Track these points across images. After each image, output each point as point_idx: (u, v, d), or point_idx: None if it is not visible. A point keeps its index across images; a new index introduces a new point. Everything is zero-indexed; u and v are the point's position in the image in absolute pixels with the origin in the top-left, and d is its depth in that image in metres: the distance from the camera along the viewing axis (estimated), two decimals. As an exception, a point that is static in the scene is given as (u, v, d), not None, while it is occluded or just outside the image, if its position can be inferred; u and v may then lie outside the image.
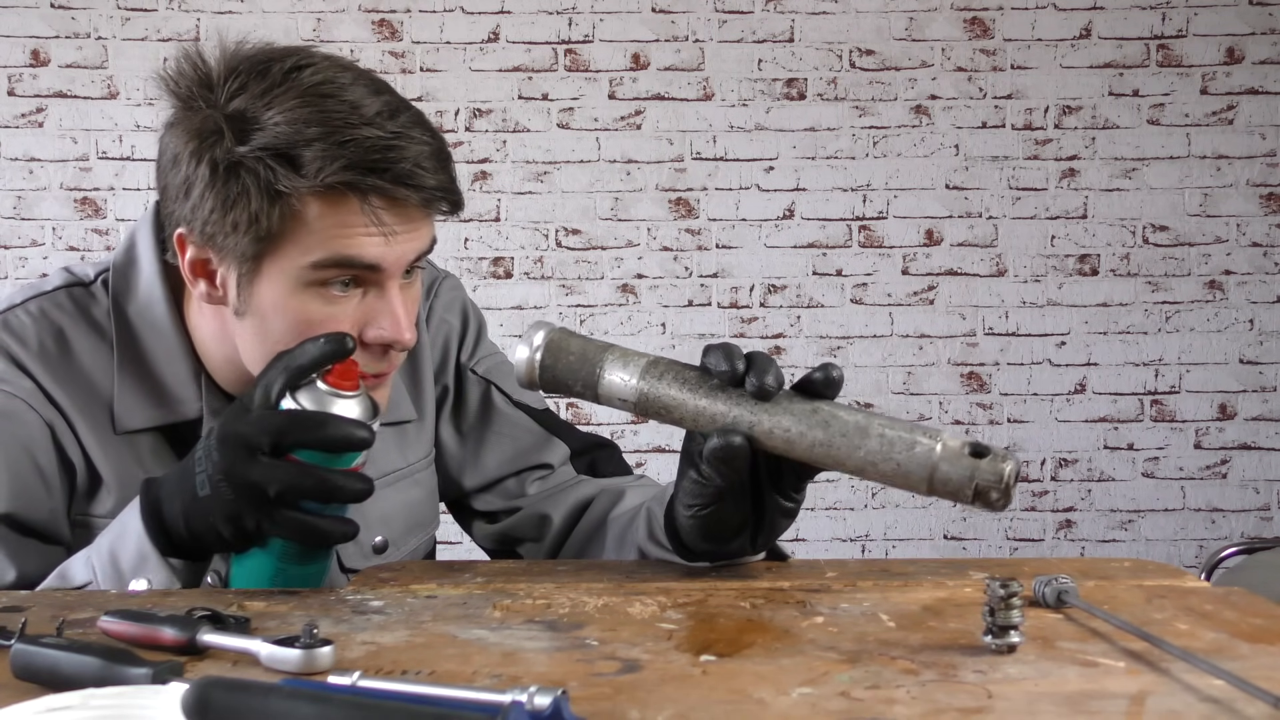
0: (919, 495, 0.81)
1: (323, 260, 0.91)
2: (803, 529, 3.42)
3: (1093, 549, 3.48)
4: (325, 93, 0.91)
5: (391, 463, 1.14)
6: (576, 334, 0.89)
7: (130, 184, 3.40)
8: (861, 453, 0.80)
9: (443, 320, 1.20)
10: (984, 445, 0.79)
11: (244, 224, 0.91)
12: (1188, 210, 3.47)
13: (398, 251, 0.93)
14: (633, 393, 0.86)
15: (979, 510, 0.79)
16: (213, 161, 0.91)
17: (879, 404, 3.47)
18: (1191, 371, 3.48)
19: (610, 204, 3.46)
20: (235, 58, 0.93)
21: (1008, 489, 0.77)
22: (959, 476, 0.78)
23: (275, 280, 0.93)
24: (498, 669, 0.67)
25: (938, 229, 3.47)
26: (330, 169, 0.88)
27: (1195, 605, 0.81)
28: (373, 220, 0.91)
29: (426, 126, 0.95)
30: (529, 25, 3.43)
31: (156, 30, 3.38)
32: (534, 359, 0.88)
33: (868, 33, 3.45)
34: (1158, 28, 3.46)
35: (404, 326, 0.95)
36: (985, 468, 0.77)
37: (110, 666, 0.63)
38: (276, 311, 0.94)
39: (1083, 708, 0.60)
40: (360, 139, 0.89)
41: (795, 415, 0.82)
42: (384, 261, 0.93)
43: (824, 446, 0.81)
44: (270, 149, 0.89)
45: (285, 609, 0.82)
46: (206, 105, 0.92)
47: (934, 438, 0.79)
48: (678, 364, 0.86)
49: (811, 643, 0.72)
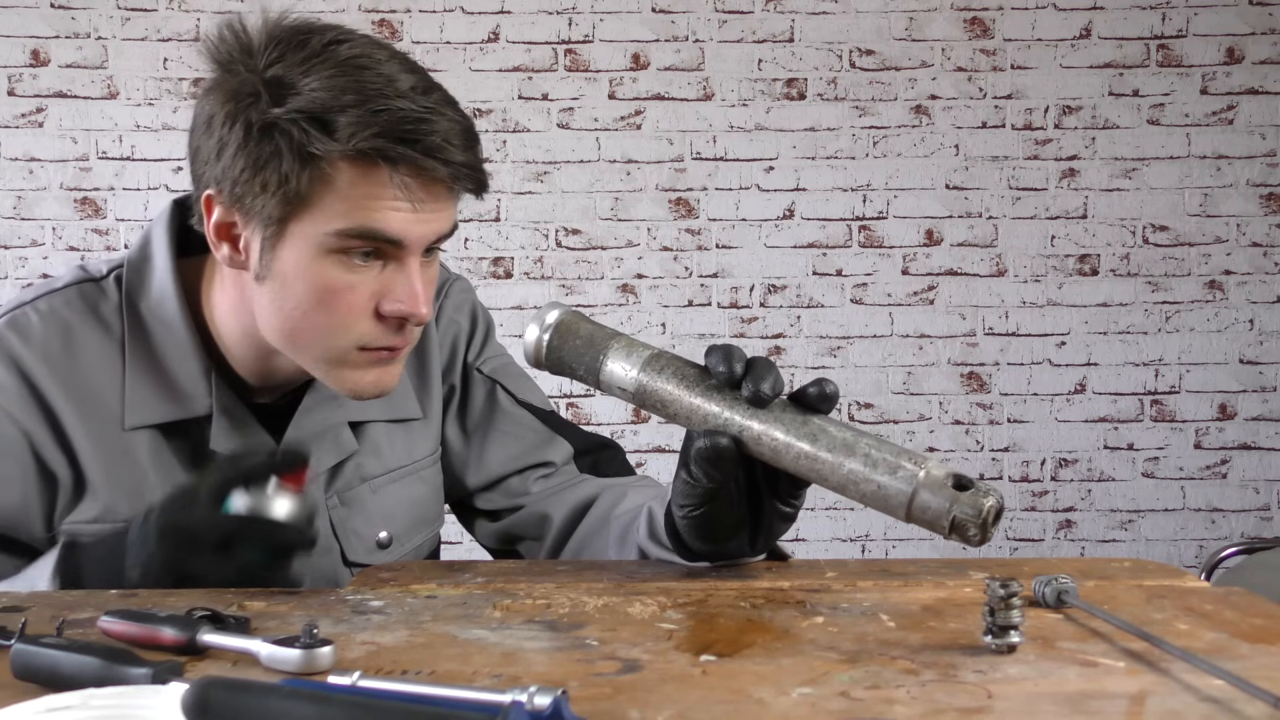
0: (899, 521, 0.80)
1: (348, 229, 0.93)
2: (803, 529, 3.42)
3: (1093, 549, 3.48)
4: (362, 64, 0.93)
5: (398, 459, 1.15)
6: (588, 319, 0.91)
7: (130, 184, 3.40)
8: (845, 470, 0.80)
9: (452, 320, 1.21)
10: (968, 479, 0.78)
11: (274, 185, 0.92)
12: (1188, 210, 3.47)
13: (421, 228, 0.95)
14: (631, 383, 0.87)
15: (957, 543, 0.78)
16: (247, 122, 0.92)
17: (879, 404, 3.48)
18: (1191, 371, 3.48)
19: (610, 204, 3.46)
20: (277, 28, 0.95)
21: (985, 525, 0.76)
22: (938, 506, 0.77)
23: (299, 244, 0.94)
24: (498, 669, 0.67)
25: (938, 229, 3.47)
26: (363, 135, 0.90)
27: (1195, 605, 0.81)
28: (400, 192, 0.92)
29: (456, 107, 0.97)
30: (529, 25, 3.43)
31: (156, 30, 3.38)
32: (542, 338, 0.90)
33: (868, 33, 3.45)
34: (1158, 28, 3.46)
35: (421, 301, 0.96)
36: (965, 500, 0.77)
37: (110, 666, 0.63)
38: (297, 275, 0.95)
39: (1083, 708, 0.60)
40: (393, 109, 0.91)
41: (785, 425, 0.82)
42: (407, 237, 0.94)
43: (809, 459, 0.81)
44: (305, 112, 0.91)
45: (285, 609, 0.82)
46: (246, 69, 0.94)
47: (919, 464, 0.79)
48: (680, 360, 0.87)
49: (811, 643, 0.72)
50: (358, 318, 0.96)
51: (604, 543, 1.12)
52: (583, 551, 1.15)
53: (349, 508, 1.12)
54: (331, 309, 0.96)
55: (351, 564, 1.12)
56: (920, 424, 3.48)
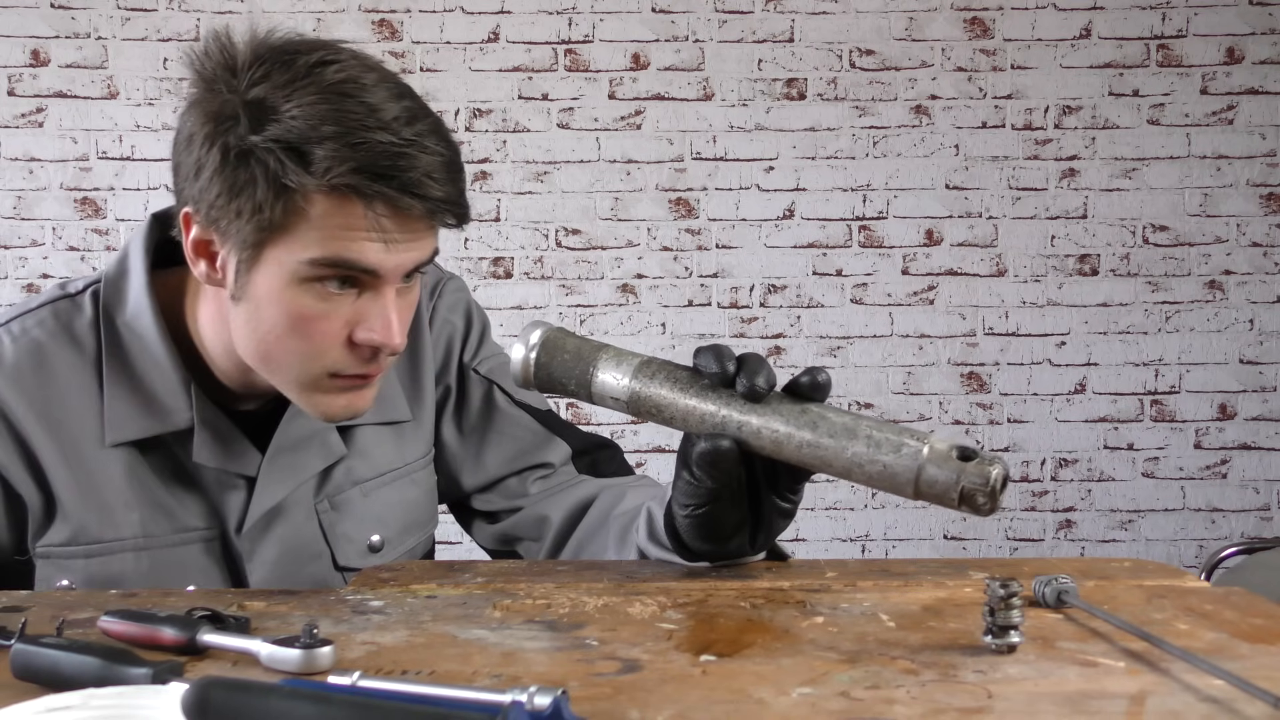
0: (907, 499, 0.81)
1: (321, 259, 0.91)
2: (803, 529, 3.42)
3: (1093, 549, 3.48)
4: (345, 92, 0.90)
5: (388, 461, 1.14)
6: (573, 334, 0.90)
7: (130, 184, 3.40)
8: (849, 454, 0.80)
9: (446, 320, 1.20)
10: (972, 449, 0.78)
11: (248, 212, 0.90)
12: (1188, 210, 3.47)
13: (397, 259, 0.93)
14: (625, 392, 0.86)
15: (966, 514, 0.79)
16: (225, 146, 0.91)
17: (879, 404, 3.48)
18: (1191, 371, 3.48)
19: (610, 204, 3.46)
20: (262, 46, 0.93)
21: (994, 493, 0.77)
22: (945, 479, 0.78)
23: (273, 271, 0.93)
24: (498, 669, 0.67)
25: (938, 229, 3.47)
26: (338, 170, 0.88)
27: (1195, 605, 0.81)
28: (375, 226, 0.90)
29: (443, 136, 0.94)
30: (529, 25, 3.43)
31: (156, 30, 3.38)
32: (529, 357, 0.89)
33: (868, 33, 3.45)
34: (1158, 28, 3.46)
35: (395, 331, 0.95)
36: (972, 470, 0.77)
37: (110, 666, 0.63)
38: (271, 302, 0.94)
39: (1083, 708, 0.60)
40: (373, 143, 0.89)
41: (784, 416, 0.82)
42: (382, 268, 0.92)
43: (812, 447, 0.82)
44: (282, 141, 0.89)
45: (285, 609, 0.82)
46: (228, 90, 0.92)
47: (921, 440, 0.79)
48: (670, 364, 0.87)
49: (811, 643, 0.72)
50: (330, 345, 0.95)
51: (603, 543, 1.12)
52: (582, 552, 1.15)
53: (339, 511, 1.11)
54: (304, 336, 0.94)
55: (343, 569, 1.11)
56: (920, 424, 3.48)
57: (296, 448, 1.06)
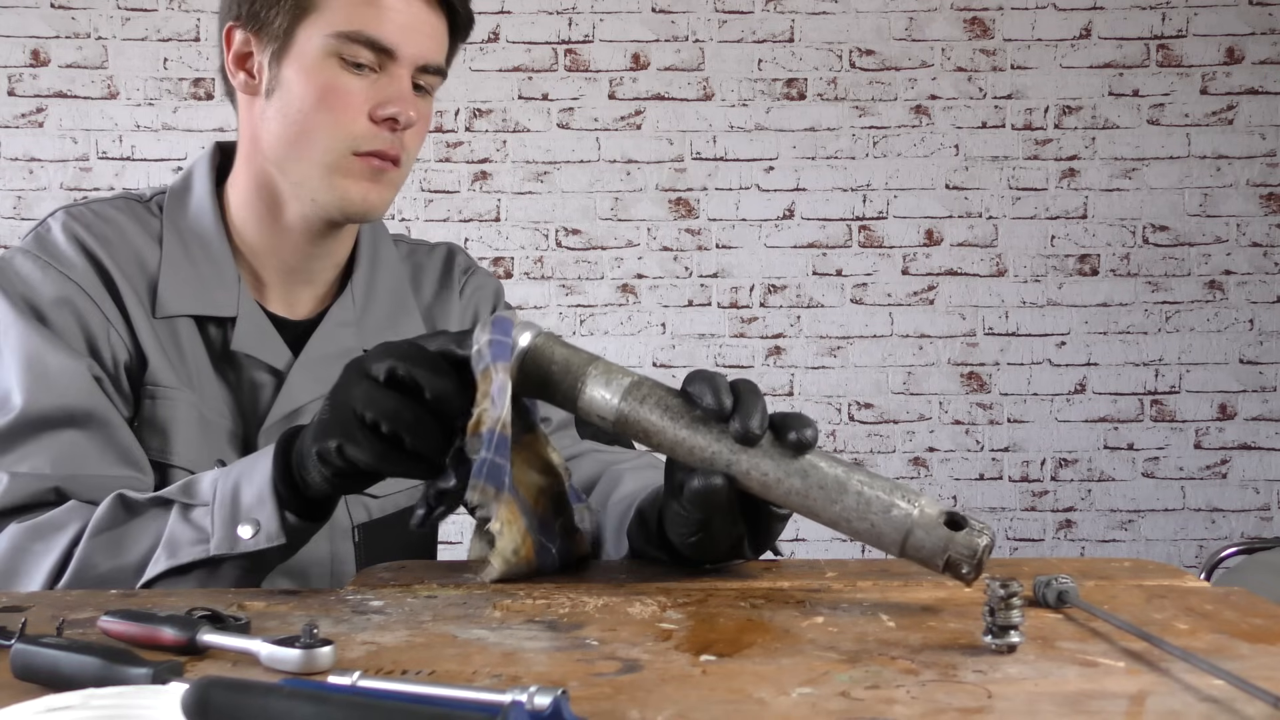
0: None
1: (345, 31, 1.07)
2: (803, 529, 3.42)
3: (1093, 549, 3.48)
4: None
5: None
6: (563, 342, 0.88)
7: (130, 184, 3.39)
8: (837, 508, 0.81)
9: (477, 289, 1.34)
10: (961, 516, 0.79)
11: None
12: (1188, 210, 3.47)
13: (412, 42, 1.09)
14: (613, 412, 0.84)
15: (948, 579, 0.80)
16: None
17: (879, 404, 3.48)
18: (1191, 371, 3.48)
19: (610, 204, 3.46)
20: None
21: (979, 564, 0.78)
22: (932, 545, 0.78)
23: (303, 50, 1.08)
24: (498, 669, 0.67)
25: (938, 229, 3.47)
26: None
27: (1195, 605, 0.81)
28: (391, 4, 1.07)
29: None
30: (529, 25, 3.43)
31: (156, 30, 3.39)
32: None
33: (868, 33, 3.45)
34: (1158, 28, 3.46)
35: (410, 104, 1.10)
36: (960, 541, 0.78)
37: (110, 666, 0.63)
38: (301, 79, 1.09)
39: (1083, 708, 0.60)
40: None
41: (775, 460, 0.82)
42: (400, 48, 1.08)
43: (800, 496, 0.81)
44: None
45: (285, 609, 0.82)
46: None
47: (912, 502, 0.79)
48: (662, 388, 0.85)
49: (811, 643, 0.72)
50: (353, 118, 1.08)
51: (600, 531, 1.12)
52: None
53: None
54: (330, 108, 1.08)
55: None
56: (920, 424, 3.48)
57: (327, 360, 1.14)
